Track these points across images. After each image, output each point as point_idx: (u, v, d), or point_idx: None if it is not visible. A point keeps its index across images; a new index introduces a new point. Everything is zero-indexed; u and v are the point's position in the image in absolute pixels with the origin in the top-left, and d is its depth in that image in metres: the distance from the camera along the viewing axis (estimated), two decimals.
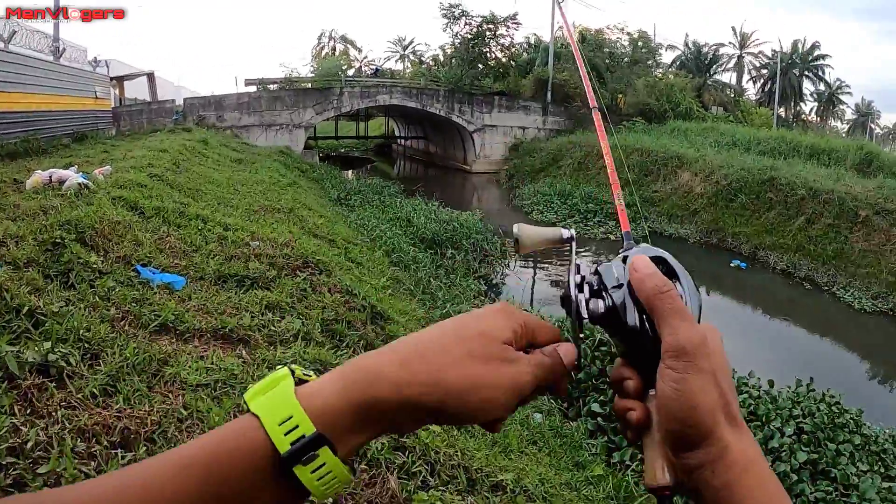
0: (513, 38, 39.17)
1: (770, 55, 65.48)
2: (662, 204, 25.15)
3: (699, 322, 0.70)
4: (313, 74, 32.07)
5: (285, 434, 0.58)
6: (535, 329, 0.72)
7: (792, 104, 64.76)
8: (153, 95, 32.76)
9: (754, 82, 68.38)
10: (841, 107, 75.69)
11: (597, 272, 0.77)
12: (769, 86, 64.97)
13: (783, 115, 58.67)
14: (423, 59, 55.80)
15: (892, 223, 19.13)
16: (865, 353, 14.26)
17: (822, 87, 69.56)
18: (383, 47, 74.33)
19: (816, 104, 72.42)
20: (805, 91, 67.69)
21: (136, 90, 34.46)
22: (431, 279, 11.39)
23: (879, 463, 7.87)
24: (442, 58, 45.87)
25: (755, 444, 0.66)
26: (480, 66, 36.86)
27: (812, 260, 19.63)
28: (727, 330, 13.50)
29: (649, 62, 42.62)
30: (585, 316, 0.73)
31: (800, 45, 64.98)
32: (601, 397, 7.75)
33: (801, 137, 31.61)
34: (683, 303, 0.70)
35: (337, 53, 45.51)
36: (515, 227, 0.83)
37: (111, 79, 29.02)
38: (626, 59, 40.83)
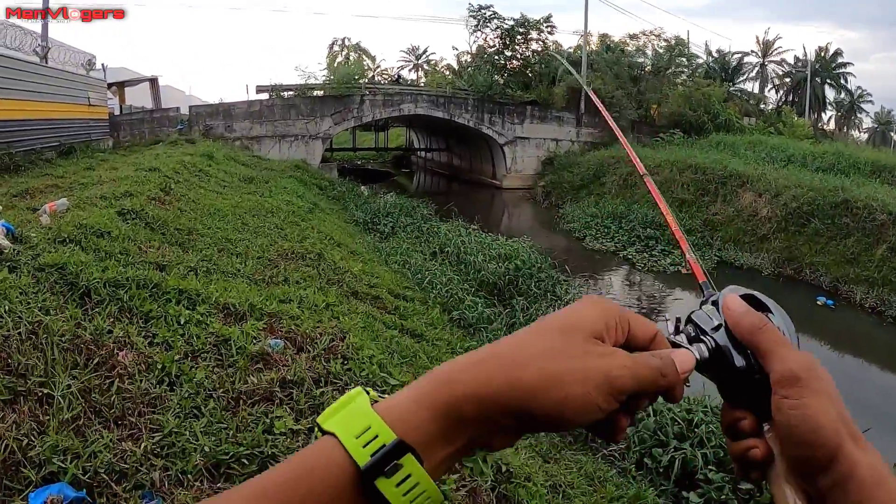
0: (546, 43, 36.42)
1: (792, 63, 64.48)
2: (725, 228, 22.59)
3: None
4: (329, 81, 28.91)
5: (364, 446, 0.53)
6: (633, 323, 0.64)
7: (814, 113, 62.31)
8: (156, 103, 29.99)
9: (777, 91, 66.28)
10: (859, 115, 73.83)
11: (690, 320, 0.73)
12: (791, 95, 63.30)
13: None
14: (437, 67, 53.28)
15: None
16: None
17: (843, 95, 67.83)
18: (396, 56, 72.02)
19: (835, 113, 70.62)
20: (830, 98, 66.28)
21: (143, 98, 31.77)
22: None
23: None
24: (457, 66, 43.32)
25: (882, 460, 0.63)
26: (510, 72, 34.18)
27: None
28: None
29: (684, 70, 40.21)
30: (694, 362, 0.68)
31: (823, 54, 62.81)
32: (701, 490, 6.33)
33: (859, 152, 29.40)
34: (788, 343, 0.67)
35: (351, 62, 42.52)
36: None
37: (109, 85, 26.40)
38: (660, 67, 38.16)
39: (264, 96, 27.59)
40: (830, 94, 65.61)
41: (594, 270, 18.99)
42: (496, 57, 34.25)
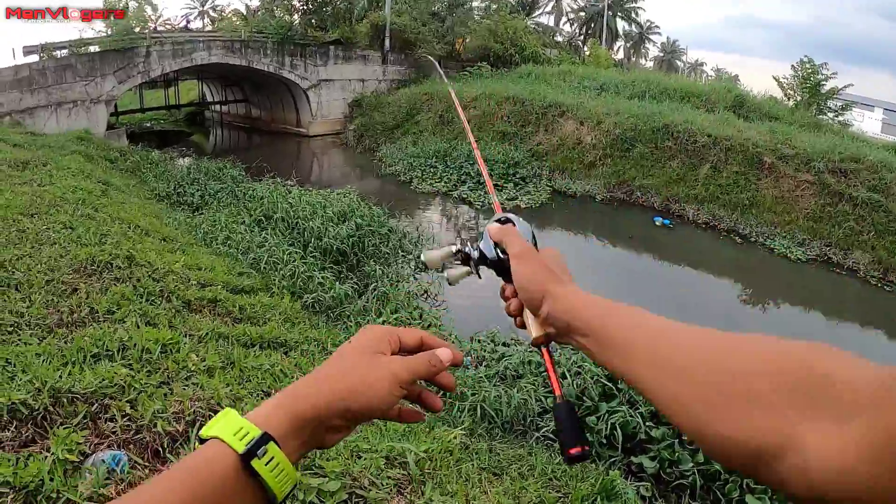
0: None
1: None
2: (552, 157, 22.37)
3: (537, 247, 1.07)
4: (110, 34, 24.36)
5: (240, 440, 0.71)
6: (402, 336, 0.91)
7: (607, 44, 65.37)
8: None
9: (571, 24, 68.89)
10: (647, 45, 79.99)
11: (475, 240, 1.20)
12: (585, 28, 66.03)
13: None
14: (224, 14, 49.34)
15: (796, 168, 19.01)
16: (833, 311, 14.39)
17: (633, 27, 72.37)
18: (179, 4, 65.98)
19: (624, 44, 75.05)
20: (620, 31, 69.63)
21: None
22: None
23: None
24: (245, 11, 39.94)
25: (580, 290, 0.95)
26: (307, 11, 31.56)
27: (731, 210, 18.84)
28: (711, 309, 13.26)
29: (494, 5, 40.02)
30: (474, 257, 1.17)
31: None
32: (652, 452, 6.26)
33: (668, 80, 30.37)
34: (518, 236, 1.08)
35: (131, 11, 37.15)
36: (422, 255, 1.29)
37: None
38: (467, 3, 37.45)
39: (34, 58, 22.07)
40: (621, 26, 68.57)
41: (431, 215, 17.81)
42: None
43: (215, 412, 3.22)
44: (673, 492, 5.94)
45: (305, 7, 31.98)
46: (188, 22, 39.85)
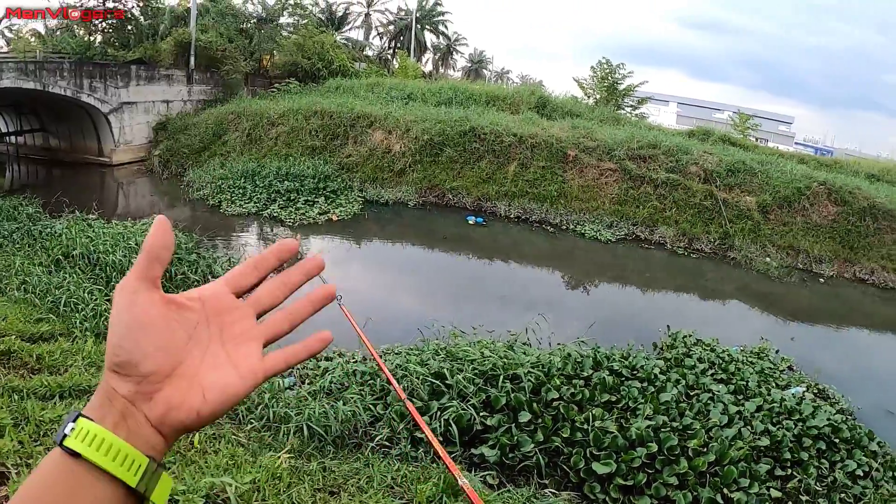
0: None
1: (395, 12, 69.21)
2: (362, 168, 22.60)
3: None
4: None
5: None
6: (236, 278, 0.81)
7: (416, 56, 67.10)
8: None
9: (381, 37, 70.06)
10: (455, 56, 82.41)
11: None
12: (394, 41, 67.53)
13: None
14: (21, 34, 45.80)
15: (599, 158, 20.73)
16: (647, 282, 15.96)
17: (440, 39, 74.89)
18: None
19: (432, 55, 76.78)
20: (428, 44, 71.43)
21: None
22: None
23: None
24: (44, 31, 37.28)
25: None
26: (108, 29, 29.85)
27: (540, 203, 20.14)
28: (527, 296, 13.79)
29: (301, 18, 40.09)
30: None
31: (424, 3, 67.68)
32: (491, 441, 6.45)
33: (474, 86, 32.06)
34: None
35: None
36: None
37: None
38: (273, 16, 37.05)
39: None
40: (430, 39, 71.10)
41: (243, 237, 17.48)
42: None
43: (1, 475, 2.98)
44: (520, 475, 6.07)
45: (107, 24, 30.19)
46: None
